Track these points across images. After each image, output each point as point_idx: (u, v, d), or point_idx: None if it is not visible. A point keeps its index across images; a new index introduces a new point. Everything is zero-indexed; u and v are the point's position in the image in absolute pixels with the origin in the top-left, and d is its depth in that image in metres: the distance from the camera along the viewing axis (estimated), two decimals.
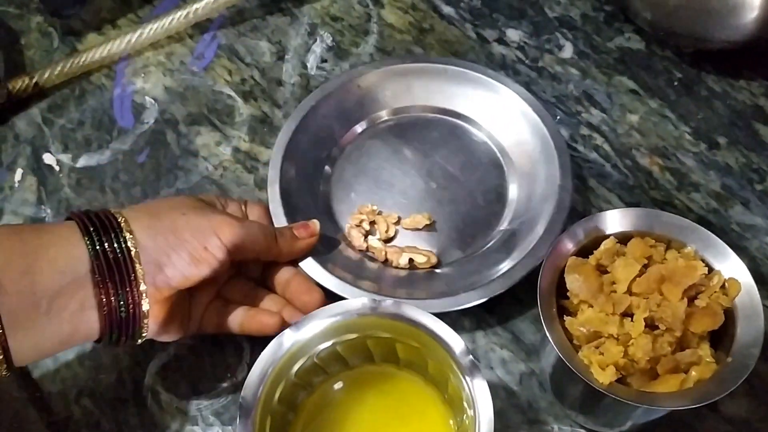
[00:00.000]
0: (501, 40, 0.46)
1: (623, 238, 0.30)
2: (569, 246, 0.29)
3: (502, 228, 0.38)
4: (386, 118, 0.43)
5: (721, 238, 0.30)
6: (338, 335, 0.30)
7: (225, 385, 0.36)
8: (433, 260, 0.37)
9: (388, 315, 0.29)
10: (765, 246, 0.38)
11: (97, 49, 0.46)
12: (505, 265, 0.36)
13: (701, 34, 0.42)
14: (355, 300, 0.30)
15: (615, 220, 0.30)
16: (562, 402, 0.33)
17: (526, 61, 0.46)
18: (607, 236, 0.30)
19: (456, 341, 0.28)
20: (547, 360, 0.32)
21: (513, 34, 0.47)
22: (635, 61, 0.45)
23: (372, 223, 0.39)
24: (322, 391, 0.32)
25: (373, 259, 0.38)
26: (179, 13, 0.47)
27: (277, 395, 0.30)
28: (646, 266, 0.29)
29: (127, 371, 0.36)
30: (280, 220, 0.38)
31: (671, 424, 0.33)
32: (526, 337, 0.36)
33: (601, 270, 0.29)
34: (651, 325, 0.28)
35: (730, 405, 0.34)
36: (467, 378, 0.27)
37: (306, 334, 0.30)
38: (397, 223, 0.39)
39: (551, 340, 0.27)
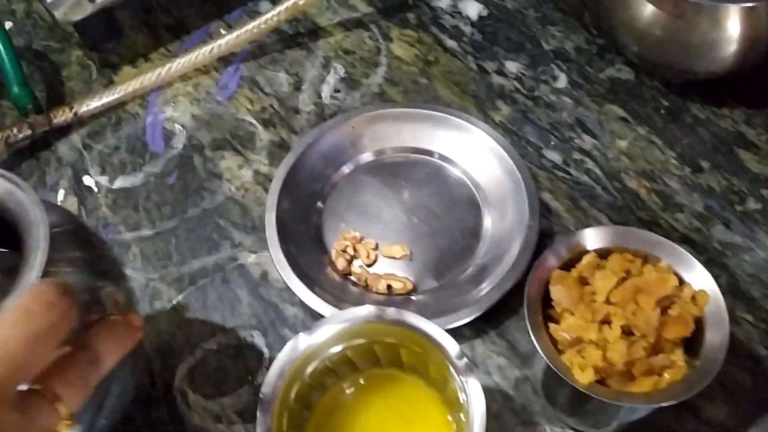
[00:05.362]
0: (500, 72, 0.50)
1: (604, 254, 0.33)
2: (554, 260, 0.33)
3: (475, 262, 0.42)
4: (377, 157, 0.46)
5: (702, 256, 0.33)
6: (348, 340, 0.34)
7: (246, 387, 0.39)
8: (409, 286, 0.41)
9: (392, 321, 0.33)
10: (743, 263, 0.41)
11: (131, 82, 0.51)
12: (473, 296, 0.39)
13: (685, 66, 0.46)
14: (362, 308, 0.33)
15: (595, 237, 0.33)
16: (553, 405, 0.36)
17: (523, 91, 0.49)
18: (588, 251, 0.33)
19: (452, 345, 0.31)
20: (538, 366, 0.35)
21: (511, 66, 0.51)
22: (625, 90, 0.49)
23: (355, 249, 0.43)
24: (334, 391, 0.36)
25: (355, 284, 0.42)
26: (205, 48, 0.51)
27: (293, 394, 0.33)
28: (624, 279, 0.32)
29: (159, 373, 0.40)
30: (274, 244, 0.41)
31: (654, 427, 0.36)
32: (520, 345, 0.39)
33: (583, 282, 0.33)
34: (627, 332, 0.31)
35: (711, 409, 0.37)
36: (462, 378, 0.31)
37: (318, 338, 0.33)
38: (375, 249, 0.43)
39: (537, 345, 0.31)
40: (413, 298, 0.41)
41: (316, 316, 0.41)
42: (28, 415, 0.22)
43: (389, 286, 0.41)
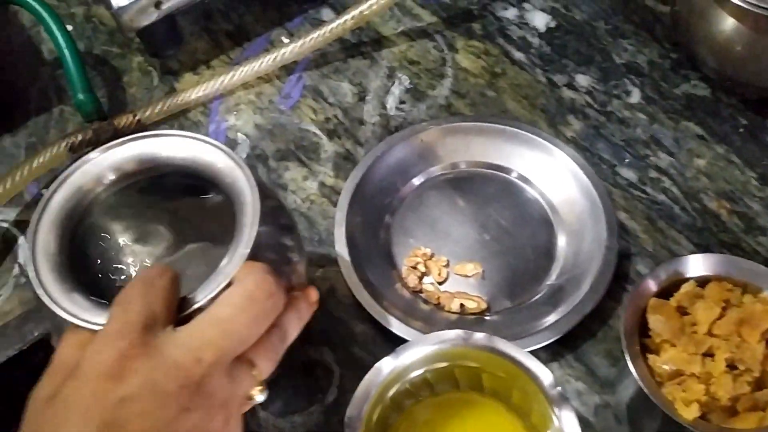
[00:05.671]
0: (570, 85, 0.49)
1: (701, 281, 0.32)
2: (652, 287, 0.32)
3: (549, 282, 0.41)
4: (445, 171, 0.45)
5: None
6: (430, 363, 0.33)
7: (317, 405, 0.38)
8: (483, 306, 0.40)
9: (480, 347, 0.32)
10: None
11: (194, 89, 0.50)
12: (551, 318, 0.38)
13: (766, 83, 0.44)
14: (449, 331, 0.32)
15: (694, 265, 0.32)
16: None
17: (595, 106, 0.48)
18: (687, 279, 0.32)
19: (545, 374, 0.30)
20: (625, 393, 0.34)
21: (582, 80, 0.49)
22: (701, 107, 0.47)
23: (426, 266, 0.42)
24: (411, 414, 0.35)
25: (426, 302, 0.41)
26: (268, 57, 0.51)
27: (375, 416, 0.32)
28: (723, 308, 0.31)
29: None
30: (344, 260, 0.41)
31: None
32: (599, 370, 0.38)
33: (681, 311, 0.31)
34: (730, 365, 0.30)
35: None
36: (555, 408, 0.30)
37: (403, 362, 0.32)
38: (447, 266, 0.42)
39: (636, 376, 0.30)
40: (487, 318, 0.40)
41: (386, 333, 0.40)
42: (235, 380, 0.26)
43: (462, 305, 0.40)
